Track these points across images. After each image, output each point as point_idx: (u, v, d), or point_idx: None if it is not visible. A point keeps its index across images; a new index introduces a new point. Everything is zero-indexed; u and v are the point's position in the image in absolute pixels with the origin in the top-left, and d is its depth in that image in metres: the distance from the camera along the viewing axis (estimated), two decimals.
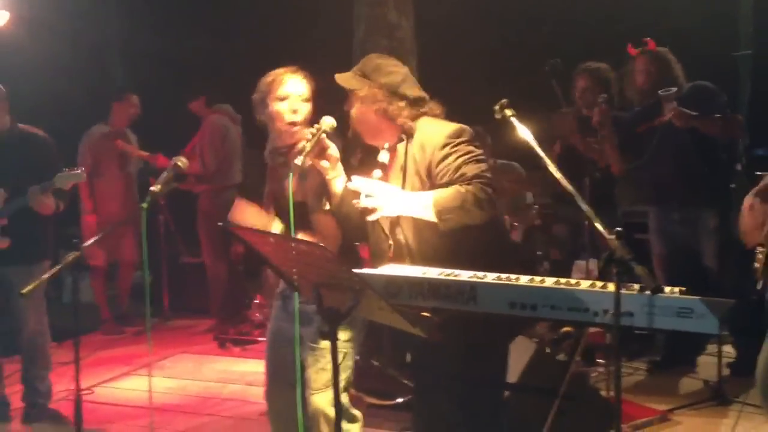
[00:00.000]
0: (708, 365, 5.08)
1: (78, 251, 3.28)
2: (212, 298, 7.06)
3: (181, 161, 3.48)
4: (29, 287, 3.46)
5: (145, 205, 3.31)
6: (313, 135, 3.02)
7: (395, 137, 3.16)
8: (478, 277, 2.78)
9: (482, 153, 3.07)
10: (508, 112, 3.01)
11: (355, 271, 2.64)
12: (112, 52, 9.47)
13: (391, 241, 3.18)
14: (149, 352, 3.54)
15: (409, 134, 3.15)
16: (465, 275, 2.81)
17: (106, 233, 3.66)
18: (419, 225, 3.07)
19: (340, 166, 3.16)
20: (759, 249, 3.23)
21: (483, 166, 3.02)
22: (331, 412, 3.19)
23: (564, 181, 2.74)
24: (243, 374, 5.82)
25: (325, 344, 3.12)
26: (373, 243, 3.27)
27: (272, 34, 8.65)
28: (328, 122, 3.05)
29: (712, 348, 5.13)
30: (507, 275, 2.79)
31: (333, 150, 3.11)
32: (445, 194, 2.96)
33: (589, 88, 5.61)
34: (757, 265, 3.24)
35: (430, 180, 3.07)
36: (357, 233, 3.31)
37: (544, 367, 4.21)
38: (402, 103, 3.11)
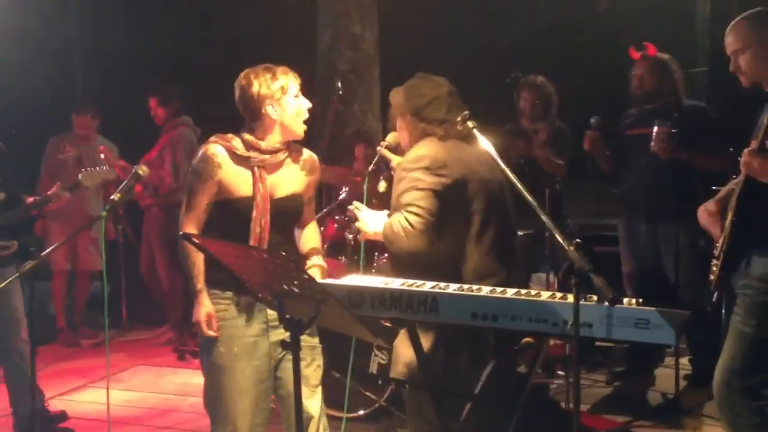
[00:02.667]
0: (666, 377, 5.14)
1: (35, 260, 3.22)
2: (170, 310, 6.98)
3: (142, 169, 3.46)
4: None
5: (104, 213, 3.28)
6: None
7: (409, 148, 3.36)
8: (439, 288, 2.79)
9: (429, 182, 3.14)
10: (470, 124, 3.05)
11: (318, 281, 2.64)
12: (75, 55, 9.34)
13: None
14: (107, 364, 3.48)
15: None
16: (427, 285, 2.82)
17: (64, 241, 3.60)
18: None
19: None
20: (714, 262, 3.29)
21: (418, 194, 3.12)
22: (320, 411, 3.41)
23: (525, 193, 2.76)
24: (203, 386, 5.74)
25: (316, 341, 3.36)
26: None
27: (236, 42, 8.62)
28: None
29: (670, 360, 5.19)
30: (469, 286, 2.81)
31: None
32: (387, 222, 3.19)
33: (532, 102, 5.60)
34: (711, 277, 3.30)
35: None
36: None
37: (504, 378, 4.22)
38: (420, 124, 3.29)
